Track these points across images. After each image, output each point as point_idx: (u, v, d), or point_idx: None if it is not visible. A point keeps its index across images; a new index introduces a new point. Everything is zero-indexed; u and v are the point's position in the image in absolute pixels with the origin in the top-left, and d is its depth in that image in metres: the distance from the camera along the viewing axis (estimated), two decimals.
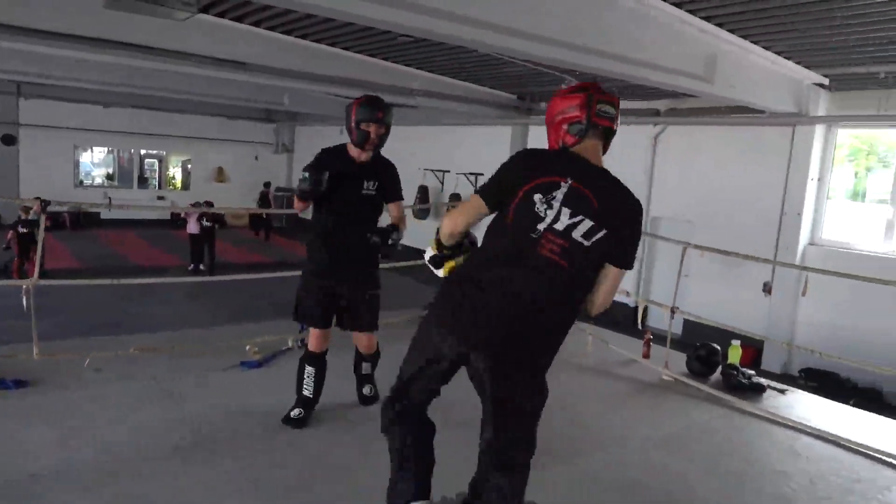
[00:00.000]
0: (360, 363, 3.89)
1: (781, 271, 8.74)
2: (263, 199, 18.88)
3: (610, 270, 2.11)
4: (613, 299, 2.20)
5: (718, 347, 4.98)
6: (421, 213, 14.45)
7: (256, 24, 7.45)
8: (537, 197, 2.05)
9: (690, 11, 5.79)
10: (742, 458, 3.75)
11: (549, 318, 2.06)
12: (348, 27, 7.39)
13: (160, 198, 19.48)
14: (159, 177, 20.29)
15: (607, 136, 2.23)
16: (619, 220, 2.09)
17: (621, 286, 2.23)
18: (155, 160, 20.14)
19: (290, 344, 4.94)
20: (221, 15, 7.11)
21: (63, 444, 3.26)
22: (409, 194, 14.82)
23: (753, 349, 8.11)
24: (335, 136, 19.04)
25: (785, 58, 7.20)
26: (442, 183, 14.42)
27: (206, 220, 12.59)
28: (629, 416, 4.22)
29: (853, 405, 5.13)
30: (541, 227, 2.04)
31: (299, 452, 3.34)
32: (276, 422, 3.58)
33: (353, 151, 3.47)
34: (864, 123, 8.32)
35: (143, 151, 19.70)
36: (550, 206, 2.04)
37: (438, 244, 2.33)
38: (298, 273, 3.69)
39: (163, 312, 8.81)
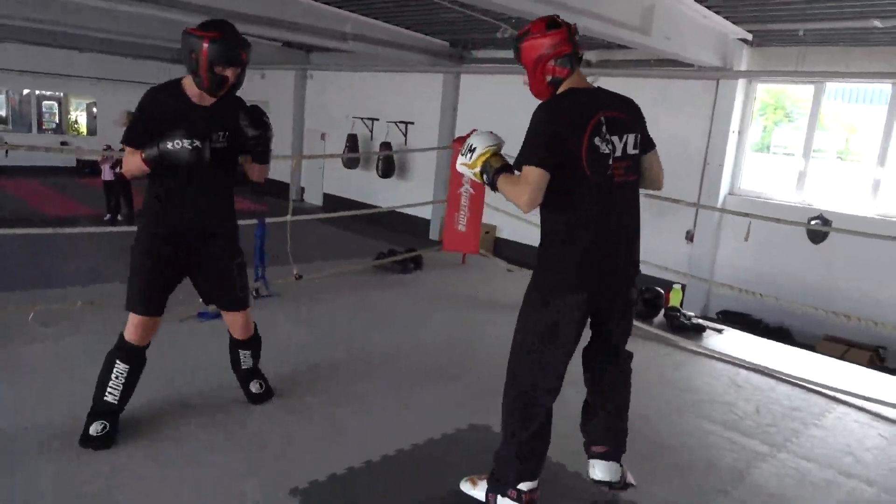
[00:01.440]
0: (239, 354, 3.20)
1: (703, 220, 9.27)
2: None
3: (651, 154, 2.51)
4: None
5: (662, 291, 5.28)
6: (350, 163, 14.22)
7: None
8: (597, 140, 2.25)
9: None
10: (690, 390, 4.05)
11: (637, 226, 2.44)
12: None
13: (63, 143, 18.10)
14: (60, 120, 18.81)
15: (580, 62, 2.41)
16: (638, 119, 2.46)
17: None
18: (54, 102, 18.61)
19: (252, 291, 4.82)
20: None
21: (21, 403, 3.09)
22: (339, 143, 14.56)
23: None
24: (254, 80, 18.19)
25: (714, 12, 7.46)
26: (371, 132, 14.16)
27: (121, 167, 11.84)
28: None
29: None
30: (610, 162, 2.28)
31: (276, 407, 3.32)
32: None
33: (194, 92, 2.69)
34: (784, 79, 8.81)
35: (37, 92, 18.14)
36: (608, 142, 2.27)
37: (488, 176, 2.34)
38: (244, 223, 3.37)
39: (88, 265, 8.32)
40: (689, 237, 9.53)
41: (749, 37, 8.23)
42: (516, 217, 7.37)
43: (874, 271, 7.82)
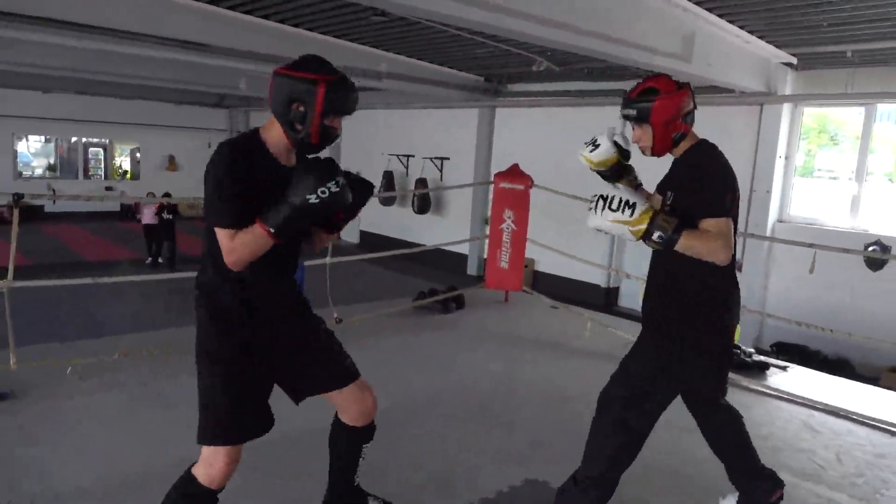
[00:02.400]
0: (360, 450, 2.40)
1: (751, 248, 8.93)
2: None
3: None
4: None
5: None
6: (386, 200, 14.23)
7: (214, 2, 7.07)
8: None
9: None
10: (763, 437, 3.75)
11: None
12: (314, 6, 7.10)
13: (108, 188, 18.60)
14: (105, 166, 19.38)
15: None
16: None
17: (595, 265, 2.40)
18: (100, 149, 19.20)
19: None
20: None
21: (63, 461, 3.00)
22: (375, 180, 14.61)
23: None
24: None
25: (758, 37, 7.27)
26: (406, 168, 14.20)
27: (167, 213, 12.07)
28: None
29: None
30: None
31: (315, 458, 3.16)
32: (285, 427, 3.38)
33: (278, 150, 2.08)
34: (831, 102, 8.52)
35: (84, 140, 18.76)
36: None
37: (652, 239, 2.19)
38: None
39: (130, 311, 8.38)
40: (738, 267, 9.15)
41: (794, 60, 7.99)
42: (554, 250, 7.24)
43: None
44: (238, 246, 1.94)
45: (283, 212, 1.91)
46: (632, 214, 2.16)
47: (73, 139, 18.56)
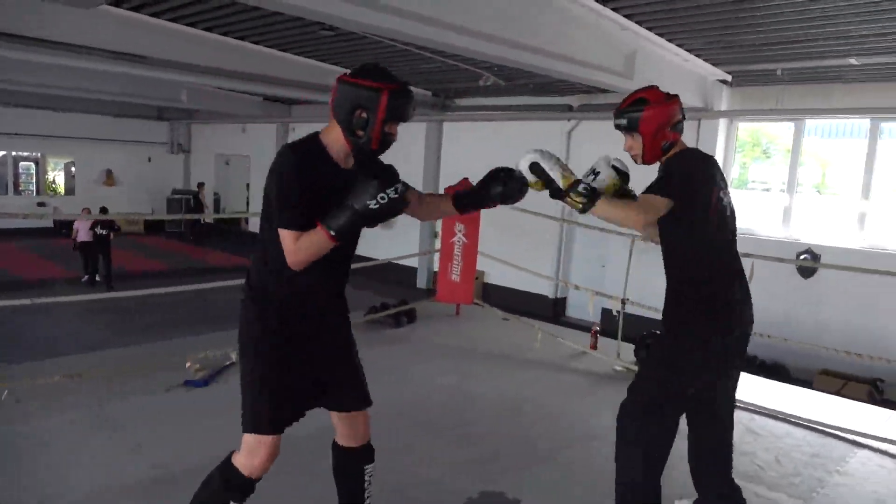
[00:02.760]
0: (363, 471, 2.39)
1: None
2: (196, 201, 17.68)
3: None
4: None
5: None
6: None
7: (156, 14, 6.92)
8: (721, 193, 2.45)
9: (614, 9, 5.95)
10: None
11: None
12: (260, 20, 7.03)
13: (40, 204, 17.81)
14: (37, 181, 18.57)
15: None
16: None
17: (543, 276, 2.48)
18: (31, 163, 18.40)
19: (233, 358, 4.62)
20: (116, 4, 6.53)
21: (6, 493, 2.85)
22: None
23: None
24: (235, 134, 18.16)
25: (695, 55, 7.57)
26: None
27: (101, 228, 11.63)
28: (593, 408, 4.29)
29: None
30: (727, 214, 2.48)
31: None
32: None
33: (339, 155, 2.14)
34: (763, 117, 8.94)
35: (14, 153, 17.95)
36: (726, 195, 2.49)
37: (575, 188, 2.32)
38: (222, 283, 3.22)
39: (67, 332, 8.03)
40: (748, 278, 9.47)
41: (729, 78, 8.36)
42: (504, 262, 7.33)
43: (866, 303, 7.79)
44: (302, 247, 2.02)
45: (344, 216, 1.98)
46: (562, 175, 2.33)
47: (3, 153, 17.73)
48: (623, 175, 2.66)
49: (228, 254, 15.21)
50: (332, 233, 1.98)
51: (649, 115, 2.44)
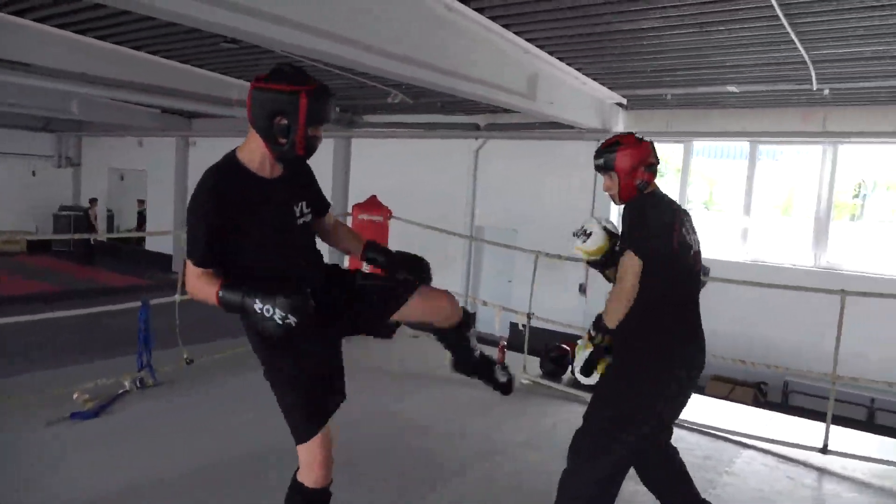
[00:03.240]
0: (468, 341, 2.61)
1: (594, 272, 9.61)
2: (86, 219, 16.47)
3: None
4: None
5: (568, 348, 5.33)
6: None
7: (42, 20, 6.52)
8: (684, 231, 2.57)
9: (517, 33, 6.17)
10: None
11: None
12: (155, 30, 6.76)
13: None
14: None
15: None
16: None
17: (451, 292, 2.60)
18: None
19: (126, 386, 4.37)
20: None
21: None
22: None
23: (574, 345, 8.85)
24: (131, 148, 17.23)
25: (593, 79, 7.95)
26: None
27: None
28: (500, 422, 4.36)
29: None
30: (691, 252, 2.60)
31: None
32: (138, 483, 3.12)
33: (256, 165, 2.06)
34: (655, 139, 9.42)
35: None
36: (689, 234, 2.61)
37: (595, 337, 2.58)
38: (114, 307, 3.06)
39: None
40: (583, 290, 9.85)
41: (624, 101, 8.83)
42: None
43: (749, 313, 8.39)
44: (198, 286, 2.01)
45: (239, 298, 1.95)
46: (584, 242, 2.68)
47: None
48: (613, 236, 2.76)
49: (120, 274, 14.40)
50: (221, 297, 1.97)
51: (623, 154, 2.63)
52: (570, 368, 5.31)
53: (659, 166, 2.71)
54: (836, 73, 6.52)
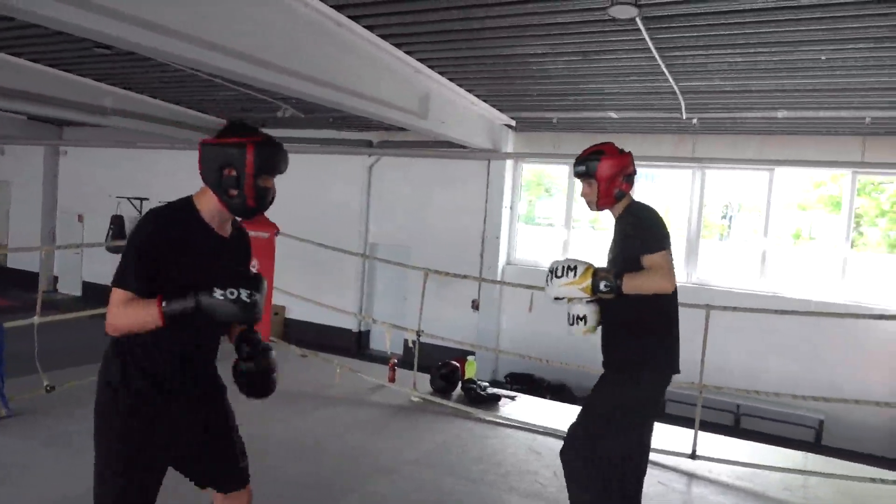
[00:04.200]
0: None
1: (486, 289, 9.82)
2: None
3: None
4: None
5: (458, 365, 5.37)
6: (115, 249, 12.81)
7: None
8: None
9: (408, 52, 6.23)
10: (495, 463, 4.09)
11: None
12: (19, 30, 6.25)
13: None
14: None
15: None
16: None
17: (345, 312, 2.55)
18: None
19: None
20: None
21: None
22: (101, 224, 13.12)
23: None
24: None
25: (482, 100, 8.16)
26: (140, 211, 12.96)
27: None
28: (391, 440, 4.31)
29: (550, 398, 6.10)
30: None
31: None
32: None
33: (213, 218, 2.03)
34: (543, 160, 9.85)
35: None
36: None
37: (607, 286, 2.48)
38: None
39: None
40: (475, 306, 10.01)
41: (513, 122, 9.12)
42: (304, 298, 7.19)
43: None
44: (126, 312, 1.87)
45: (184, 301, 1.85)
46: (575, 275, 2.51)
47: None
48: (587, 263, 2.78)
49: None
50: (165, 310, 1.83)
51: (605, 163, 2.65)
52: (459, 384, 5.36)
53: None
54: (703, 104, 7.07)
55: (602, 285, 2.47)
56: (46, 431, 4.02)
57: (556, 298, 2.62)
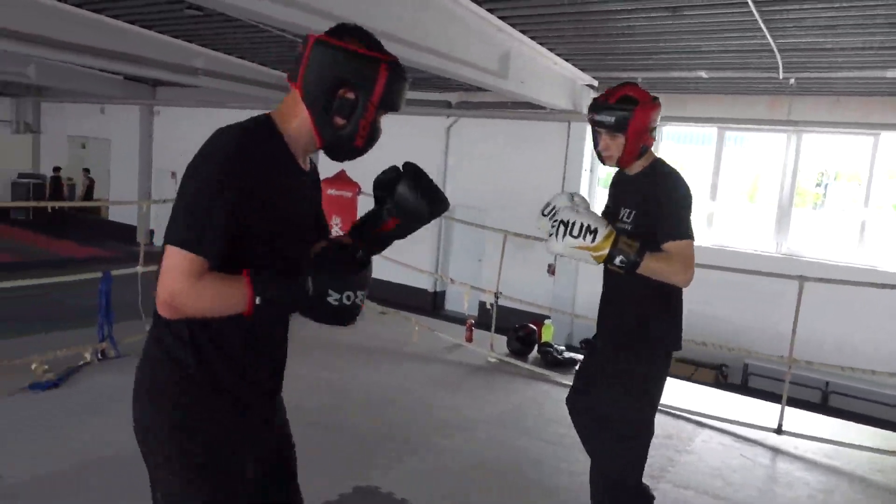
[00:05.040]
0: None
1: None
2: (56, 187, 15.88)
3: None
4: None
5: (535, 328, 5.38)
6: None
7: None
8: None
9: (489, 10, 6.11)
10: (570, 425, 4.09)
11: None
12: None
13: None
14: None
15: None
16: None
17: (422, 271, 2.35)
18: None
19: (87, 357, 4.28)
20: None
21: None
22: None
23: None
24: (92, 115, 16.72)
25: (564, 60, 7.94)
26: None
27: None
28: (467, 399, 4.40)
29: None
30: None
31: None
32: (98, 454, 3.07)
33: (297, 146, 1.48)
34: None
35: None
36: None
37: (614, 262, 2.06)
38: (73, 277, 2.89)
39: None
40: (551, 271, 9.93)
41: (595, 83, 8.84)
42: (382, 256, 7.31)
43: (714, 296, 8.56)
44: (202, 294, 1.31)
45: (286, 291, 1.36)
46: (594, 240, 2.04)
47: None
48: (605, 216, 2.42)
49: (81, 244, 14.07)
50: (258, 301, 1.32)
51: (640, 115, 2.22)
52: (535, 347, 5.37)
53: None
54: (801, 63, 6.62)
55: (618, 260, 2.04)
56: None
57: (559, 255, 2.24)
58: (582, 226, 2.04)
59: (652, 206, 2.21)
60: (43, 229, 15.42)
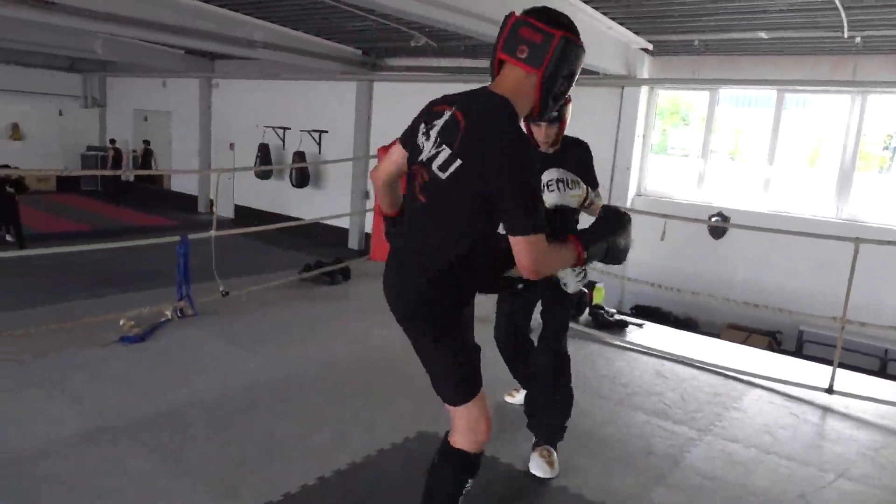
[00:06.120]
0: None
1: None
2: (146, 158, 16.75)
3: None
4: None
5: (587, 290, 5.50)
6: (262, 173, 13.87)
7: None
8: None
9: None
10: (621, 384, 4.24)
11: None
12: None
13: None
14: None
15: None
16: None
17: None
18: None
19: (168, 314, 4.63)
20: None
21: None
22: (249, 152, 14.14)
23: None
24: (154, 89, 17.30)
25: (619, 23, 7.85)
26: (283, 141, 13.88)
27: (10, 186, 11.01)
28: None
29: None
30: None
31: (218, 431, 3.22)
32: (183, 399, 3.40)
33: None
34: (681, 86, 9.37)
35: None
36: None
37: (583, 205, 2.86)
38: (146, 241, 3.21)
39: None
40: None
41: (650, 46, 8.71)
42: None
43: (767, 262, 8.47)
44: (553, 256, 1.70)
45: (601, 246, 1.83)
46: (579, 188, 2.77)
47: None
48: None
49: (146, 213, 14.78)
50: (586, 256, 1.78)
51: (568, 105, 2.88)
52: (587, 309, 5.50)
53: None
54: (868, 20, 6.40)
55: (592, 195, 2.85)
56: (226, 329, 4.65)
57: (557, 205, 2.77)
58: (569, 180, 2.76)
59: (590, 169, 3.01)
60: (111, 199, 16.23)
